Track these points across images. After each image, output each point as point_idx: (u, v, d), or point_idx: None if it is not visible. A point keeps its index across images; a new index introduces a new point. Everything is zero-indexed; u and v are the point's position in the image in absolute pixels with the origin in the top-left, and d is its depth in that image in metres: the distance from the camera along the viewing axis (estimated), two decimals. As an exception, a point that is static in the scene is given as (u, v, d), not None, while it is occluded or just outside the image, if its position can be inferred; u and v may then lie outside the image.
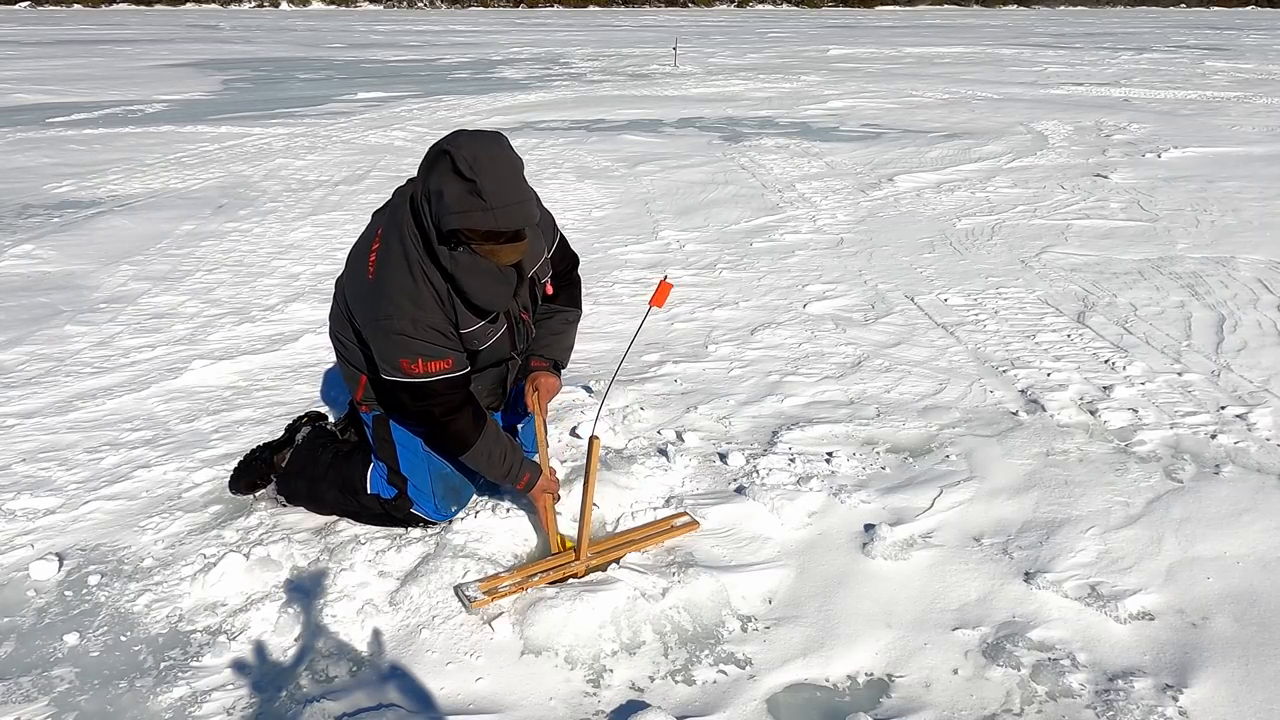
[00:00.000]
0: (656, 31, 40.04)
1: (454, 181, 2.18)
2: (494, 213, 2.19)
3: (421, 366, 2.36)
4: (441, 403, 2.43)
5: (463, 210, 2.19)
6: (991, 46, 28.67)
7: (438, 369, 2.38)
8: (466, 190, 2.17)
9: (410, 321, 2.33)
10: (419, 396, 2.42)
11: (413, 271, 2.35)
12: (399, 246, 2.37)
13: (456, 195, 2.18)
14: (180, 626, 2.29)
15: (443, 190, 2.20)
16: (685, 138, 10.66)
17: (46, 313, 4.67)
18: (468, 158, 2.17)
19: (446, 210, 2.21)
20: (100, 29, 40.93)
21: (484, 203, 2.17)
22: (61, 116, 12.30)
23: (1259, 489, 2.85)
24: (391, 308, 2.34)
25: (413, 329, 2.34)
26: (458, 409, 2.45)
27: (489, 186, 2.17)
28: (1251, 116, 12.01)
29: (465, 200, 2.18)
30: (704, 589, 2.36)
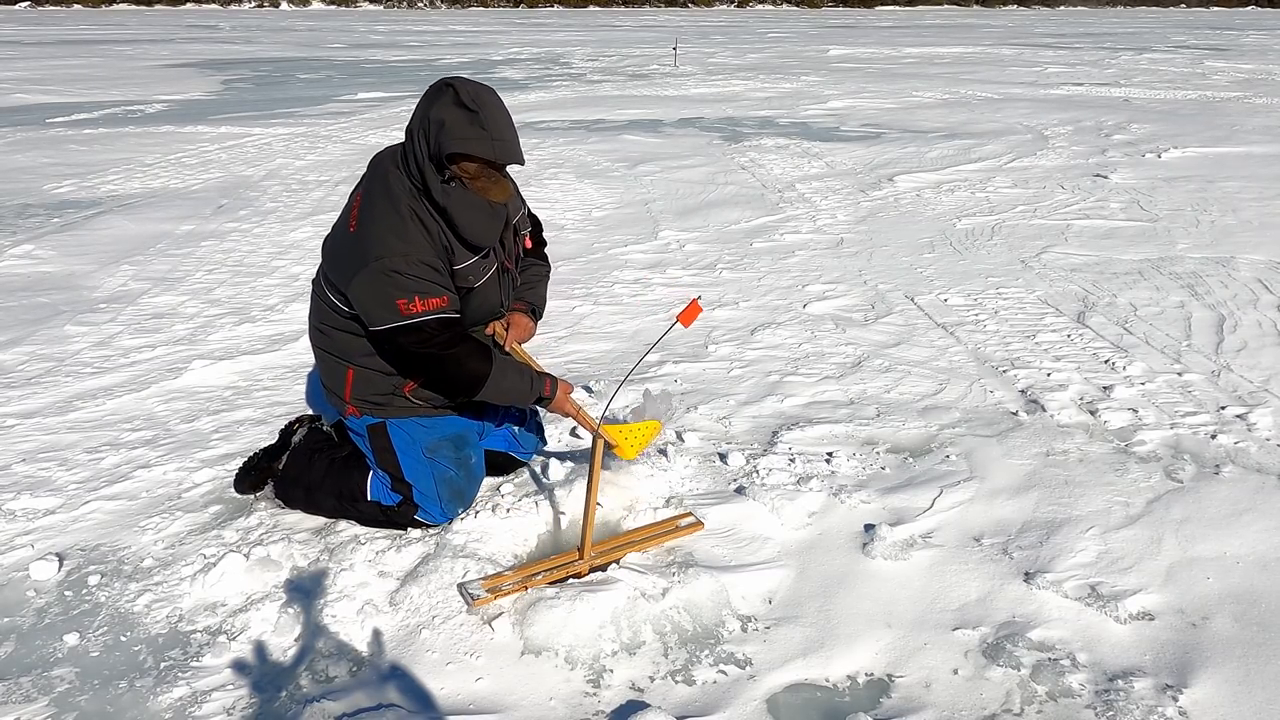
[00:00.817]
0: (656, 31, 40.04)
1: (457, 111, 2.27)
2: (494, 143, 2.29)
3: (419, 305, 2.34)
4: (443, 341, 2.40)
5: (466, 136, 2.27)
6: (991, 46, 28.67)
7: (435, 306, 2.36)
8: (469, 120, 2.26)
9: (402, 258, 2.33)
10: (418, 339, 2.38)
11: (399, 210, 2.37)
12: (383, 194, 2.41)
13: (460, 122, 2.26)
14: (180, 626, 2.29)
15: (444, 119, 2.27)
16: (685, 138, 10.66)
17: (46, 313, 4.67)
18: (471, 92, 2.29)
19: (449, 136, 2.27)
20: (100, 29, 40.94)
21: (485, 132, 2.27)
22: (62, 117, 12.30)
23: (1259, 489, 2.85)
24: (381, 248, 2.34)
25: (405, 265, 2.33)
26: (460, 343, 2.43)
27: (490, 119, 2.28)
28: (1251, 116, 12.01)
29: (468, 128, 2.26)
30: (704, 589, 2.36)
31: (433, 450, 2.63)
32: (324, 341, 2.65)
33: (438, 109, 2.28)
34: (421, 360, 2.45)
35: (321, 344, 2.66)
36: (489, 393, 2.47)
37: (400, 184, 2.40)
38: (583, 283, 5.17)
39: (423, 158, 2.34)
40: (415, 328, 2.36)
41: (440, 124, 2.27)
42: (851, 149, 9.74)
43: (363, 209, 2.44)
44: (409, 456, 2.62)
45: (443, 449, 2.64)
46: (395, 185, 2.41)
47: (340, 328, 2.57)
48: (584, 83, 17.34)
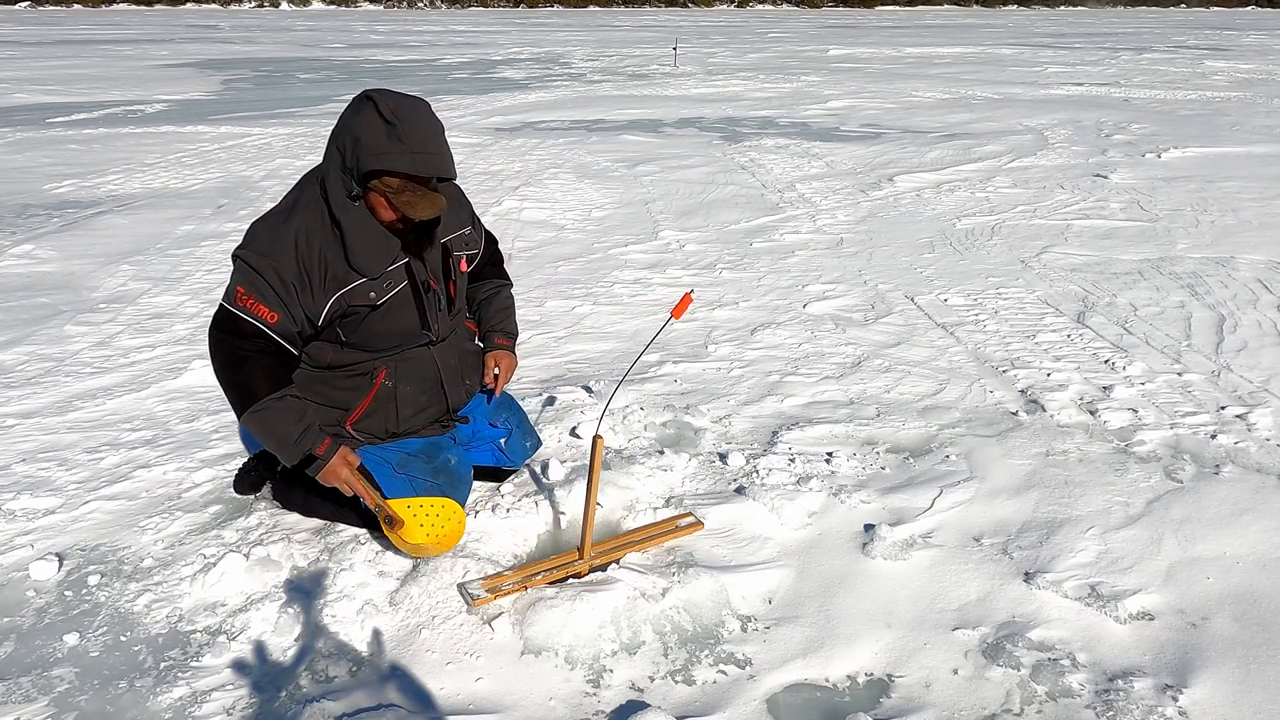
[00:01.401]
0: (656, 31, 40.04)
1: (375, 123, 2.17)
2: (414, 156, 2.18)
3: (250, 302, 2.29)
4: (242, 345, 2.32)
5: (382, 151, 2.17)
6: (991, 47, 28.67)
7: (262, 314, 2.30)
8: (386, 132, 2.16)
9: (261, 257, 2.29)
10: (229, 329, 2.33)
11: (289, 220, 2.33)
12: (289, 201, 2.38)
13: (377, 136, 2.17)
14: (180, 626, 2.29)
15: (360, 134, 2.18)
16: (685, 138, 10.66)
17: (46, 313, 4.67)
18: (390, 104, 2.18)
19: (366, 151, 2.18)
20: (100, 29, 40.93)
21: (404, 145, 2.17)
22: (61, 117, 12.30)
23: (1259, 489, 2.85)
24: (252, 240, 2.33)
25: (260, 264, 2.29)
26: (257, 355, 2.33)
27: (410, 131, 2.18)
28: (1251, 116, 12.01)
29: (385, 142, 2.16)
30: (704, 589, 2.36)
31: (403, 465, 2.56)
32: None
33: (356, 123, 2.20)
34: (217, 347, 2.37)
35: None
36: (253, 422, 2.34)
37: (309, 195, 2.36)
38: (582, 283, 5.17)
39: (333, 171, 2.28)
40: (234, 317, 2.32)
41: (357, 139, 2.19)
42: (851, 149, 9.74)
43: (274, 206, 2.44)
44: (383, 476, 2.54)
45: (413, 464, 2.56)
46: (304, 195, 2.37)
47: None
48: (584, 83, 17.34)
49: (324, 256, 2.32)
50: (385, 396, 2.56)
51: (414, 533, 2.28)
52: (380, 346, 2.50)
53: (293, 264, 2.29)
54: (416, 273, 2.47)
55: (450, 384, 2.66)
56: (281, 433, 2.33)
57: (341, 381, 2.54)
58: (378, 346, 2.50)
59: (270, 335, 2.33)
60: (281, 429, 2.33)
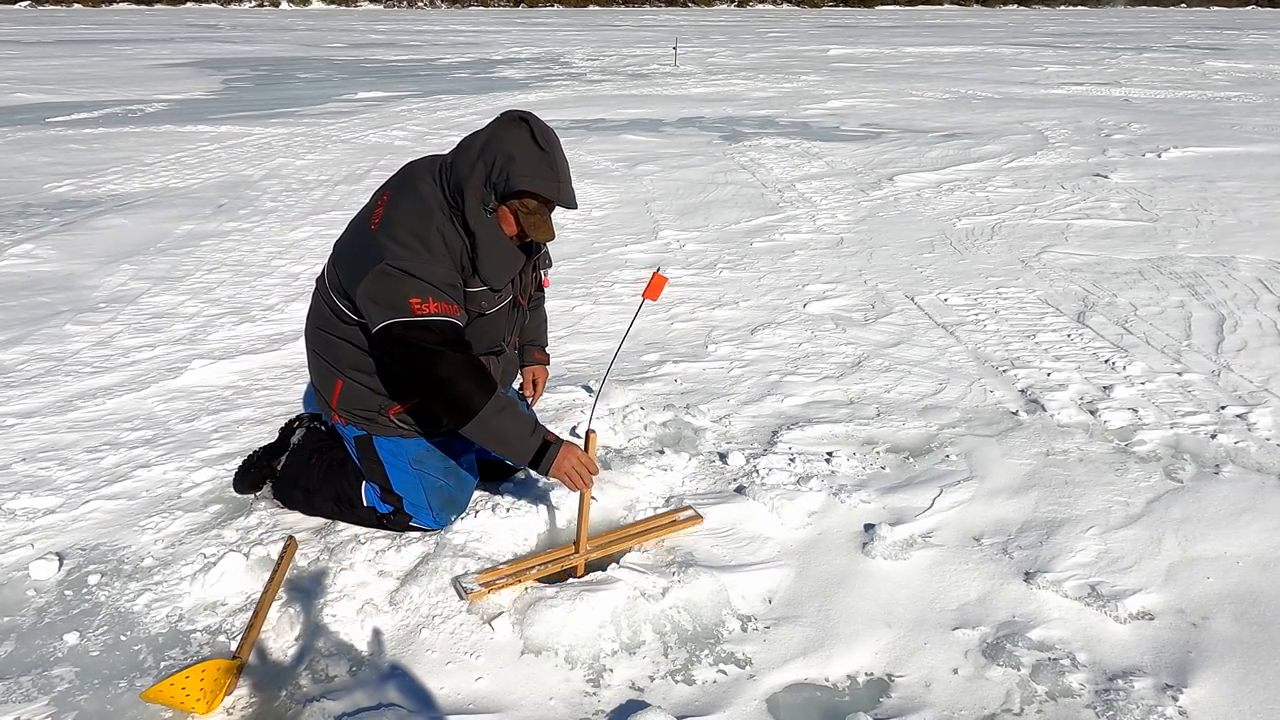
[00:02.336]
0: (657, 31, 40.03)
1: (531, 149, 2.33)
2: (559, 185, 2.37)
3: (434, 305, 2.33)
4: (453, 344, 2.34)
5: (537, 175, 2.33)
6: (992, 46, 28.66)
7: (448, 310, 2.35)
8: (541, 159, 2.34)
9: (422, 264, 2.34)
10: (424, 338, 2.31)
11: (429, 220, 2.38)
12: (414, 201, 2.42)
13: (533, 161, 2.33)
14: (180, 626, 2.29)
15: (515, 154, 2.32)
16: (685, 137, 10.66)
17: (46, 312, 4.67)
18: (544, 132, 2.36)
19: (518, 171, 2.32)
20: (100, 28, 40.92)
21: (554, 174, 2.35)
22: (61, 116, 12.30)
23: (1259, 489, 2.84)
24: (403, 250, 2.34)
25: (424, 271, 2.33)
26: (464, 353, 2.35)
27: (559, 162, 2.37)
28: (1252, 116, 12.01)
29: (540, 168, 2.33)
30: (704, 589, 2.36)
31: (419, 461, 2.59)
32: (319, 345, 2.62)
33: (511, 142, 2.33)
34: (422, 359, 2.31)
35: (316, 347, 2.63)
36: (479, 426, 2.33)
37: (434, 197, 2.41)
38: (583, 282, 5.17)
39: (475, 181, 2.35)
40: (425, 325, 2.32)
41: (511, 158, 2.32)
42: (852, 149, 9.74)
43: (389, 209, 2.43)
44: (396, 469, 2.59)
45: (429, 459, 2.61)
46: (429, 196, 2.41)
47: (339, 335, 2.54)
48: (584, 82, 17.34)
49: (461, 258, 2.43)
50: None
51: (199, 706, 1.96)
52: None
53: (448, 261, 2.40)
54: (515, 288, 2.63)
55: (506, 381, 2.76)
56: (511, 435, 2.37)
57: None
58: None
59: (459, 326, 2.39)
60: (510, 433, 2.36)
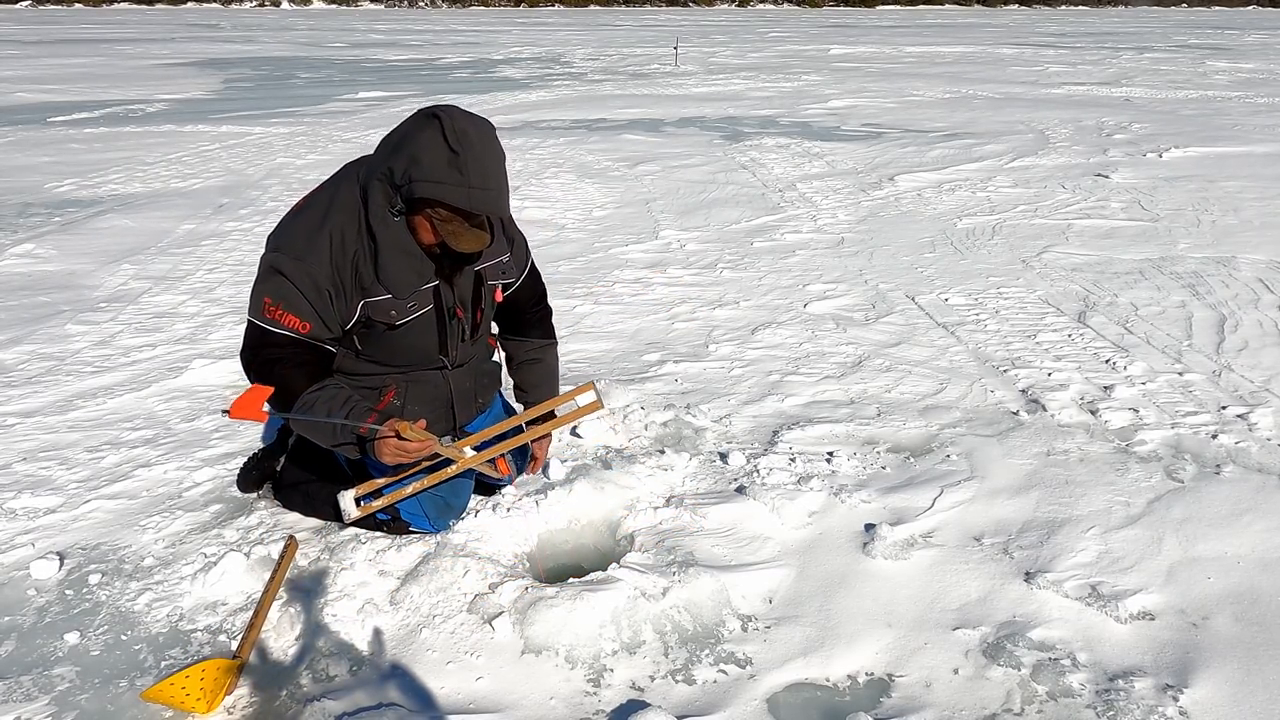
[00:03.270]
0: (657, 31, 40.03)
1: (438, 147, 2.06)
2: (471, 191, 2.07)
3: (279, 313, 2.20)
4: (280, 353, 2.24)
5: (439, 180, 2.06)
6: (992, 46, 28.66)
7: (292, 324, 2.21)
8: (449, 162, 2.05)
9: (294, 262, 2.19)
10: (261, 342, 2.25)
11: (325, 220, 2.23)
12: (324, 198, 2.28)
13: (437, 162, 2.05)
14: (181, 625, 2.29)
15: (421, 157, 2.06)
16: (686, 137, 10.66)
17: (47, 312, 4.67)
18: (458, 129, 2.06)
19: (422, 177, 2.07)
20: (101, 28, 40.93)
21: (463, 178, 2.06)
22: (62, 115, 12.30)
23: (1260, 489, 2.84)
24: (285, 241, 2.23)
25: (292, 270, 2.19)
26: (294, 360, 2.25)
27: (473, 164, 2.06)
28: (1253, 116, 12.00)
29: (444, 171, 2.06)
30: (704, 588, 2.36)
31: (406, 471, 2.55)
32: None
33: (418, 143, 2.08)
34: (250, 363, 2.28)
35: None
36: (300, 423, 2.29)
37: (347, 195, 2.25)
38: (583, 282, 5.17)
39: (380, 183, 2.17)
40: (264, 331, 2.24)
41: (415, 160, 2.07)
42: (852, 148, 9.74)
43: (307, 199, 2.34)
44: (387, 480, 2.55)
45: (419, 471, 2.55)
46: (342, 195, 2.26)
47: None
48: (585, 82, 17.34)
49: (356, 262, 2.24)
50: (390, 414, 2.52)
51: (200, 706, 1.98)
52: (394, 364, 2.46)
53: (327, 268, 2.21)
54: (444, 298, 2.40)
55: (461, 405, 2.64)
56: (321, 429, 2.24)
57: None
58: (391, 363, 2.46)
59: (304, 341, 2.26)
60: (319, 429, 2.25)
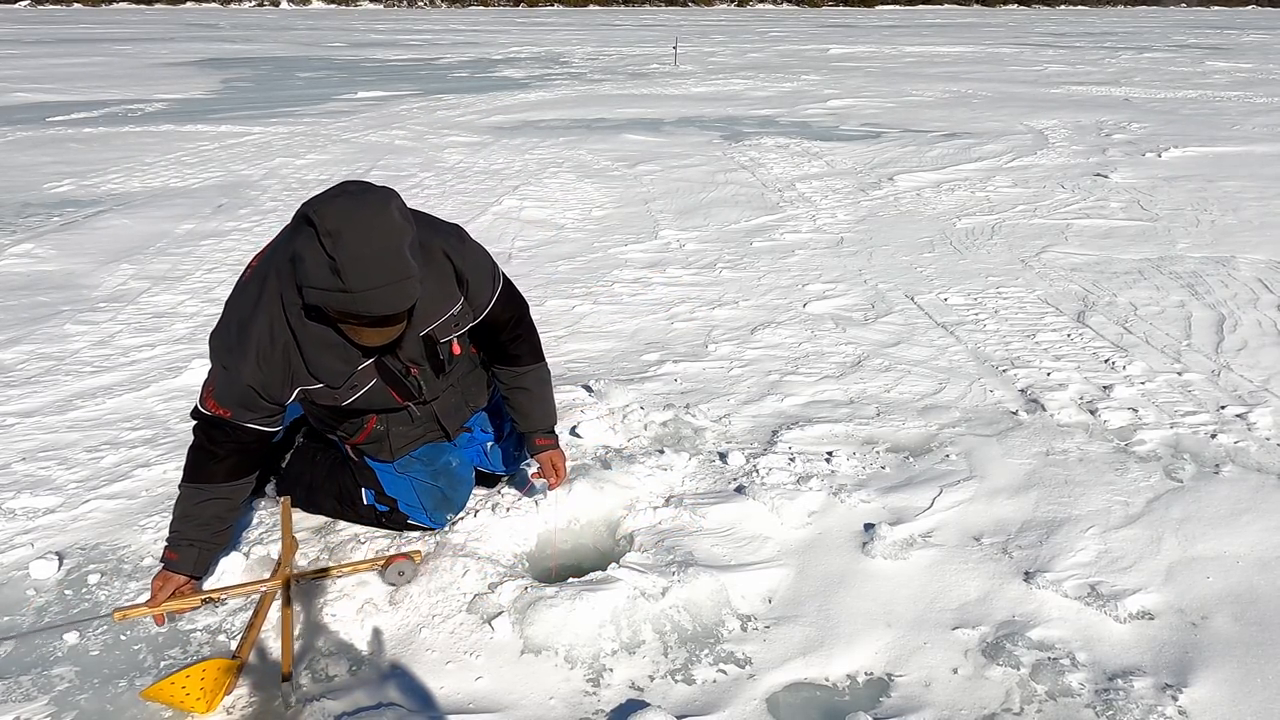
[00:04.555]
0: (656, 31, 40.03)
1: (315, 254, 1.92)
2: (353, 296, 1.93)
3: (212, 402, 2.23)
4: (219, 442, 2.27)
5: (321, 288, 1.95)
6: (992, 46, 28.66)
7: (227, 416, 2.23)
8: (328, 267, 1.91)
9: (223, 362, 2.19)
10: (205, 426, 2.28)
11: (255, 314, 2.16)
12: (259, 281, 2.19)
13: (318, 268, 1.92)
14: (180, 625, 2.29)
15: (304, 259, 1.94)
16: (685, 137, 10.65)
17: (46, 312, 4.67)
18: (331, 229, 1.89)
19: (307, 284, 1.97)
20: (100, 27, 40.91)
21: (343, 284, 1.91)
22: (61, 115, 12.29)
23: (1259, 489, 2.84)
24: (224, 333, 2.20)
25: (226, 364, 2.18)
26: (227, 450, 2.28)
27: (350, 267, 1.89)
28: (1252, 116, 12.00)
29: (324, 277, 1.92)
30: (704, 588, 2.36)
31: (405, 466, 2.59)
32: None
33: (300, 245, 1.95)
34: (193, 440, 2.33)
35: None
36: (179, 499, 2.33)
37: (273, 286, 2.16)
38: (582, 282, 5.17)
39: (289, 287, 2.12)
40: (196, 412, 2.29)
41: (301, 262, 1.95)
42: (851, 148, 9.74)
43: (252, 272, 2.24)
44: (385, 474, 2.59)
45: (414, 465, 2.59)
46: (267, 291, 2.16)
47: None
48: (584, 82, 17.33)
49: (287, 356, 2.19)
50: (378, 437, 2.57)
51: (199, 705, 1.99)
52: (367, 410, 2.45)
53: (255, 371, 2.16)
54: (391, 365, 2.33)
55: (449, 420, 2.63)
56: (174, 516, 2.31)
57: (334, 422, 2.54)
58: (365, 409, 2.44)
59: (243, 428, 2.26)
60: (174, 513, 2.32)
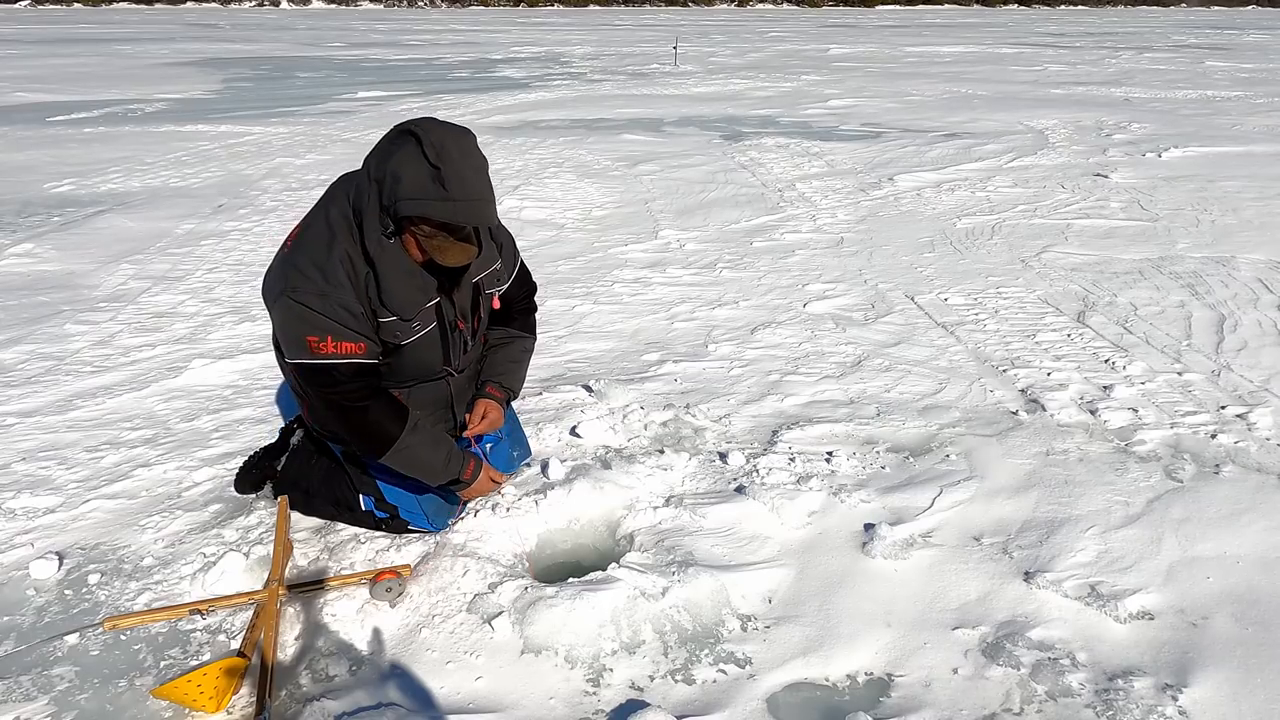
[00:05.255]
0: (657, 30, 40.03)
1: (417, 165, 2.05)
2: (455, 204, 2.06)
3: (330, 345, 2.19)
4: (352, 391, 2.26)
5: (422, 197, 2.06)
6: (992, 46, 28.66)
7: (348, 350, 2.21)
8: (430, 176, 2.04)
9: (319, 296, 2.17)
10: (325, 382, 2.24)
11: (331, 247, 2.21)
12: (323, 222, 2.25)
13: (418, 180, 2.05)
14: (180, 625, 2.29)
15: (401, 174, 2.06)
16: (685, 137, 10.65)
17: (46, 311, 4.67)
18: (435, 143, 2.05)
19: (404, 195, 2.07)
20: (100, 27, 40.91)
21: (446, 192, 2.05)
22: (61, 115, 12.30)
23: (1259, 489, 2.84)
24: (300, 279, 2.19)
25: (321, 303, 2.17)
26: (370, 397, 2.29)
27: (453, 177, 2.05)
28: (1252, 116, 12.00)
29: (427, 187, 2.05)
30: (704, 588, 2.36)
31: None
32: (280, 362, 2.53)
33: (397, 161, 2.08)
34: (328, 407, 2.31)
35: (280, 363, 2.54)
36: (396, 459, 2.34)
37: (342, 219, 2.23)
38: (583, 282, 5.17)
39: (370, 207, 2.17)
40: (323, 369, 2.22)
41: (397, 179, 2.07)
42: (852, 148, 9.74)
43: (302, 231, 2.31)
44: (385, 481, 2.57)
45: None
46: (336, 219, 2.24)
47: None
48: (584, 82, 17.33)
49: (367, 285, 2.25)
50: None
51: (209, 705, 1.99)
52: (399, 379, 2.47)
53: (351, 292, 2.21)
54: (446, 313, 2.41)
55: (460, 405, 2.67)
56: (427, 465, 2.40)
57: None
58: (396, 379, 2.46)
59: (365, 364, 2.27)
60: (427, 461, 2.39)
